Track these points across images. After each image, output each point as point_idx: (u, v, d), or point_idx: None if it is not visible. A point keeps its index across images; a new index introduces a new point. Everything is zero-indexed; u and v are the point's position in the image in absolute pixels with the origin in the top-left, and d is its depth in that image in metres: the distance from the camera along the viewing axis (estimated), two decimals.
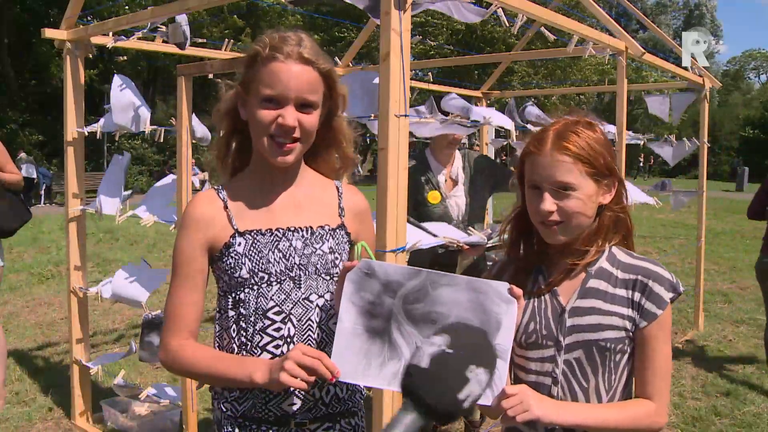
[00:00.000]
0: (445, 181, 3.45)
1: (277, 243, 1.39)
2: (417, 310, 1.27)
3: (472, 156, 3.57)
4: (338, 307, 1.31)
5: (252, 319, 1.37)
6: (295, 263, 1.39)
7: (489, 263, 3.39)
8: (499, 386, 1.24)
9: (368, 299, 1.28)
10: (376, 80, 2.31)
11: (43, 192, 19.25)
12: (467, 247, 2.98)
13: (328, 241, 1.43)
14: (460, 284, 1.27)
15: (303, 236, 1.41)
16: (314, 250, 1.41)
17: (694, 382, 4.45)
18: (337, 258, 1.44)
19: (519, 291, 1.27)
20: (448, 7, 2.47)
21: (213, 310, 1.60)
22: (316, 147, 1.48)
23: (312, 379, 1.23)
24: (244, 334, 1.38)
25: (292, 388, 1.31)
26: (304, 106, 1.36)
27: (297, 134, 1.36)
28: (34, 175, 18.10)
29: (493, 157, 5.80)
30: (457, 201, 3.43)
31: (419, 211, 3.32)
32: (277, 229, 1.40)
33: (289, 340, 1.37)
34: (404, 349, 1.26)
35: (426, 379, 1.15)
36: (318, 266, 1.41)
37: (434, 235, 2.77)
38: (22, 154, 18.70)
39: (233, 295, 1.40)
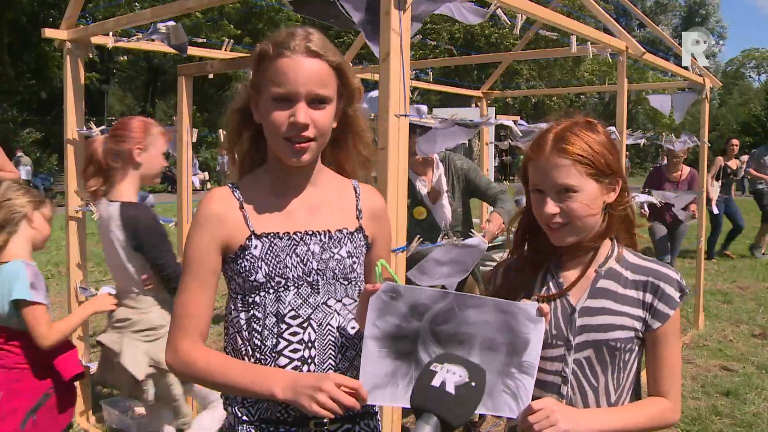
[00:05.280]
0: (428, 192, 3.39)
1: (294, 247, 1.35)
2: (444, 331, 1.26)
3: (453, 159, 3.49)
4: (361, 327, 1.29)
5: (267, 322, 1.33)
6: (312, 268, 1.36)
7: (492, 264, 3.36)
8: (525, 400, 1.26)
9: (394, 323, 1.26)
10: None
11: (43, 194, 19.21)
12: None
13: (346, 245, 1.40)
14: (487, 305, 1.27)
15: (321, 240, 1.37)
16: (332, 254, 1.37)
17: (694, 382, 4.44)
18: (355, 262, 1.41)
19: (546, 308, 1.28)
20: (449, 8, 2.46)
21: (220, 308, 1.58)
22: (335, 144, 1.44)
23: (341, 411, 1.21)
24: (259, 337, 1.34)
25: None
26: (315, 102, 1.30)
27: (311, 133, 1.30)
28: (28, 178, 18.03)
29: (493, 157, 5.78)
30: (444, 210, 3.39)
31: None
32: (294, 233, 1.36)
33: (310, 345, 1.34)
34: None
35: (451, 402, 1.17)
36: (336, 271, 1.38)
37: None
38: (20, 154, 18.63)
39: (247, 297, 1.35)
